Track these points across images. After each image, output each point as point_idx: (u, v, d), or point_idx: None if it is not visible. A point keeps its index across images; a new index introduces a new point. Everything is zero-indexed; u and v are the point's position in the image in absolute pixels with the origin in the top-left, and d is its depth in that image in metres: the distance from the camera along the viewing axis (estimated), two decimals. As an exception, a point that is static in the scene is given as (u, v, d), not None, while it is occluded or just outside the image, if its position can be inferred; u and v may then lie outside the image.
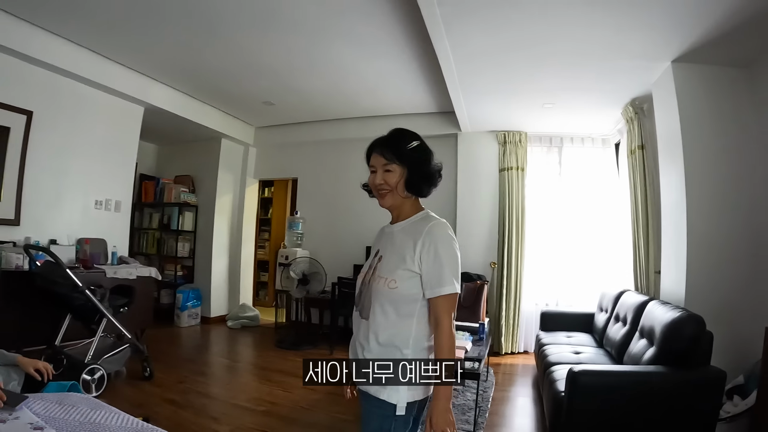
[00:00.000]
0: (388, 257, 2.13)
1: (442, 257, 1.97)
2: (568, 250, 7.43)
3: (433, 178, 2.19)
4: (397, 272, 2.04)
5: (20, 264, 5.20)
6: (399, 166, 2.11)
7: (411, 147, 2.13)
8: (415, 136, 2.18)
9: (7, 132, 5.52)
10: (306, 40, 5.37)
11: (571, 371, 3.67)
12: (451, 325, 1.96)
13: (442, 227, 2.06)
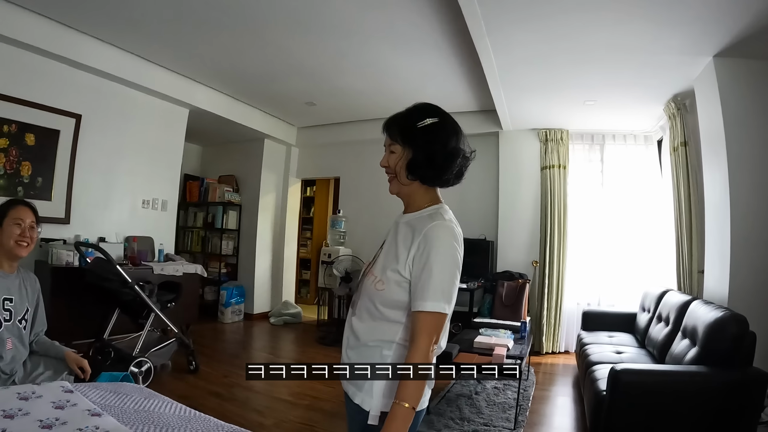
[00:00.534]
0: (384, 253, 1.91)
1: (433, 267, 1.69)
2: (611, 249, 7.31)
3: (443, 161, 1.84)
4: (386, 273, 1.80)
5: (70, 261, 5.42)
6: (401, 147, 1.85)
7: (422, 125, 1.82)
8: (433, 113, 1.86)
9: (57, 135, 5.75)
10: (347, 41, 5.43)
11: (613, 370, 3.65)
12: (429, 348, 1.67)
13: (443, 230, 1.76)
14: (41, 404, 2.13)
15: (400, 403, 1.60)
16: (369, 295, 1.85)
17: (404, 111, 1.90)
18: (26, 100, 5.42)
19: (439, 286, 1.67)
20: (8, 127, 5.29)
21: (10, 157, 5.35)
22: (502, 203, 7.82)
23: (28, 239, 2.90)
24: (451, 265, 1.72)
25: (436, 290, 1.67)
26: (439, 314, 1.67)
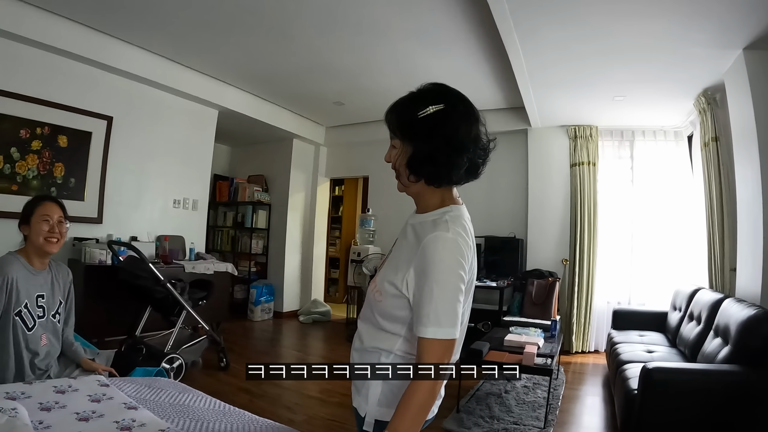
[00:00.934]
0: (389, 260, 1.70)
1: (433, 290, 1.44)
2: (641, 246, 7.22)
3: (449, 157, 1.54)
4: (384, 284, 1.60)
5: (103, 259, 5.53)
6: (401, 141, 1.61)
7: (423, 114, 1.53)
8: (439, 97, 1.57)
9: (89, 136, 5.88)
10: (375, 40, 5.46)
11: (645, 368, 3.60)
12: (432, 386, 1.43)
13: (442, 244, 1.47)
14: (78, 397, 2.19)
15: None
16: (369, 302, 1.68)
17: (406, 96, 1.64)
18: (58, 103, 5.55)
19: (439, 311, 1.43)
20: (41, 129, 5.41)
21: (44, 159, 5.46)
22: (532, 201, 7.77)
23: (58, 235, 2.90)
24: (451, 286, 1.45)
25: (437, 315, 1.43)
26: (440, 340, 1.44)
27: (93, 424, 1.92)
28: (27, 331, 2.78)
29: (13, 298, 2.73)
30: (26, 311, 2.79)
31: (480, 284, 7.01)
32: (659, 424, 3.50)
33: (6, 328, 2.70)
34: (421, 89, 1.62)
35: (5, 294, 2.69)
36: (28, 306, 2.81)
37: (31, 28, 5.06)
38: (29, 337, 2.78)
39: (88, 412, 2.02)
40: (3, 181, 5.15)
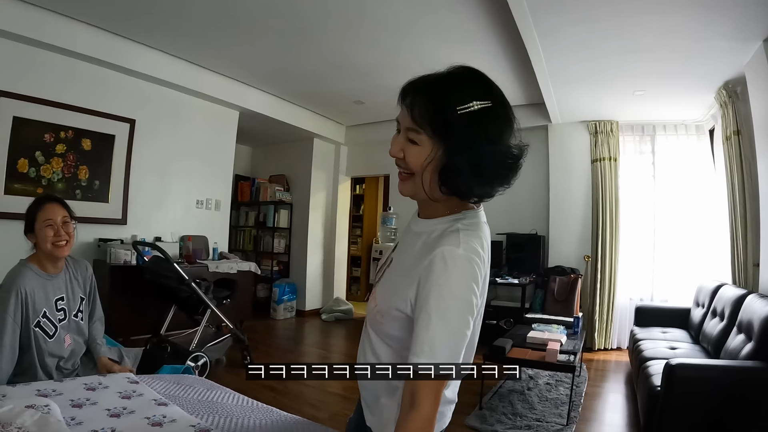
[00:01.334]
0: (390, 275, 1.44)
1: (431, 317, 1.18)
2: (664, 242, 7.15)
3: (498, 170, 1.26)
4: (385, 306, 1.35)
5: (128, 260, 5.60)
6: (431, 141, 1.23)
7: (466, 110, 1.18)
8: (483, 91, 1.23)
9: (113, 139, 5.97)
10: (395, 39, 5.47)
11: (668, 364, 3.57)
12: (435, 411, 1.19)
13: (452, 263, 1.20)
14: (108, 394, 2.24)
15: None
16: (370, 321, 1.46)
17: (435, 78, 1.27)
18: (82, 107, 5.64)
19: (436, 343, 1.18)
20: (65, 133, 5.51)
21: (68, 162, 5.55)
22: (553, 197, 7.75)
23: (65, 237, 2.82)
24: (456, 312, 1.20)
25: (432, 348, 1.17)
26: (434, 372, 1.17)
27: (124, 420, 1.96)
28: (48, 339, 2.75)
29: (29, 310, 2.68)
30: (45, 320, 2.76)
31: (502, 281, 7.06)
32: (682, 420, 3.49)
33: (29, 340, 2.67)
34: (456, 74, 1.26)
35: (21, 308, 2.64)
36: (47, 314, 2.77)
37: (54, 35, 5.16)
38: (52, 345, 2.76)
39: (119, 409, 2.06)
40: (28, 184, 5.24)
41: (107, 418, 1.97)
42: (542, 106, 7.06)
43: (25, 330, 2.65)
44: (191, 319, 5.40)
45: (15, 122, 5.12)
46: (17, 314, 2.61)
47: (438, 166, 1.23)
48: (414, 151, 1.25)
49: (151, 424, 1.92)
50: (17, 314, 2.61)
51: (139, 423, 1.93)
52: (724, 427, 3.40)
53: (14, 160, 5.15)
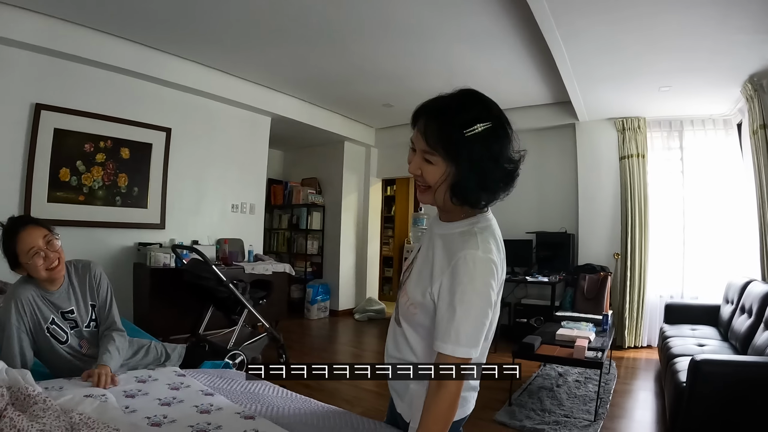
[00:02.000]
0: (419, 270, 1.64)
1: (456, 308, 1.43)
2: (693, 238, 7.06)
3: (500, 184, 1.51)
4: (417, 298, 1.57)
5: (167, 262, 5.81)
6: (443, 161, 1.46)
7: (471, 133, 1.41)
8: (486, 111, 1.47)
9: (150, 147, 6.20)
10: (421, 44, 5.57)
11: (693, 360, 3.58)
12: (459, 392, 1.47)
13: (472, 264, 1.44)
14: (158, 386, 2.39)
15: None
16: (403, 314, 1.66)
17: (445, 104, 1.51)
18: (120, 117, 5.90)
19: (461, 331, 1.42)
20: (104, 143, 5.74)
21: (108, 170, 5.78)
22: (582, 195, 7.73)
23: (56, 257, 2.61)
24: (478, 306, 1.44)
25: (458, 335, 1.42)
26: (458, 358, 1.43)
27: (175, 408, 2.09)
28: (62, 344, 2.67)
29: (37, 316, 2.60)
30: (55, 327, 2.65)
31: (532, 280, 7.09)
32: (708, 416, 3.50)
33: (48, 342, 2.63)
34: (460, 99, 1.51)
35: (26, 315, 2.55)
36: (56, 321, 2.66)
37: (93, 50, 5.41)
38: (68, 348, 2.69)
39: (169, 398, 2.20)
40: (70, 192, 5.49)
41: (159, 406, 2.11)
42: (569, 104, 7.08)
43: (40, 332, 2.60)
44: (228, 319, 5.52)
45: (56, 134, 5.36)
46: (21, 323, 2.53)
47: (450, 182, 1.47)
48: (430, 170, 1.49)
49: (200, 411, 2.06)
50: (21, 323, 2.53)
51: (189, 411, 2.06)
52: (749, 423, 3.40)
53: (56, 169, 5.37)
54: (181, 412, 2.06)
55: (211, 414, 2.05)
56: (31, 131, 5.19)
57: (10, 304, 2.54)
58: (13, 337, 2.50)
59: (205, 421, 1.96)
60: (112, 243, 5.92)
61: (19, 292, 2.58)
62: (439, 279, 1.50)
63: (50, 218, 5.03)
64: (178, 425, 1.93)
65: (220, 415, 2.04)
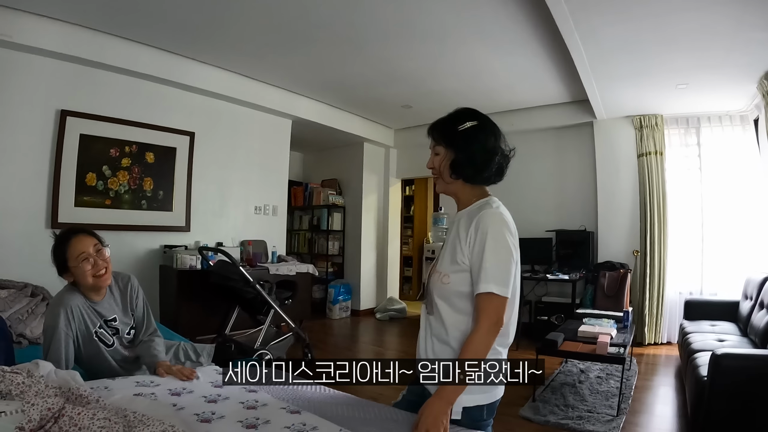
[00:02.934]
0: (445, 250, 2.02)
1: (485, 252, 1.79)
2: (712, 235, 7.07)
3: (483, 161, 1.94)
4: (449, 267, 1.92)
5: (193, 264, 5.90)
6: (444, 148, 1.99)
7: (463, 128, 1.96)
8: (472, 116, 1.99)
9: (174, 152, 6.31)
10: (442, 45, 5.63)
11: (713, 354, 3.61)
12: (489, 329, 1.77)
13: (491, 217, 1.85)
14: (202, 384, 2.46)
15: None
16: (438, 291, 1.96)
17: (446, 116, 2.05)
18: (144, 122, 6.01)
19: (490, 270, 1.78)
20: (129, 147, 5.86)
21: (133, 175, 5.90)
22: (601, 193, 7.73)
23: (104, 265, 2.70)
24: (501, 248, 1.82)
25: (488, 273, 1.78)
26: (492, 295, 1.77)
27: (221, 404, 2.16)
28: (108, 347, 2.79)
29: (86, 322, 2.69)
30: (102, 331, 2.76)
31: (553, 278, 7.12)
32: (729, 410, 3.52)
33: (96, 346, 2.73)
34: (458, 110, 2.04)
35: (75, 322, 2.64)
36: (102, 326, 2.76)
37: (116, 57, 5.53)
38: (113, 352, 2.81)
39: (214, 395, 2.26)
40: (97, 196, 5.60)
41: (205, 403, 2.17)
42: (586, 102, 7.11)
43: (88, 337, 2.70)
44: (253, 320, 5.60)
45: (82, 139, 5.46)
46: (69, 328, 2.61)
47: (449, 162, 1.97)
48: (437, 159, 2.02)
49: (246, 407, 2.11)
50: (69, 328, 2.61)
51: (236, 407, 2.12)
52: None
53: (83, 174, 5.48)
54: (228, 408, 2.12)
55: (257, 409, 2.11)
56: (57, 137, 5.30)
57: (59, 309, 2.60)
58: (62, 342, 2.57)
59: (253, 417, 2.02)
60: (138, 246, 6.03)
61: (68, 299, 2.65)
62: (466, 241, 1.88)
63: (78, 222, 5.15)
64: (227, 421, 1.99)
65: (266, 410, 2.10)
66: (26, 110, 5.07)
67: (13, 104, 4.97)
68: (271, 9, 4.88)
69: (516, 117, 7.88)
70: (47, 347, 2.58)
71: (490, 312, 1.77)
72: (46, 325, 2.64)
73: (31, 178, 5.15)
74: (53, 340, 2.57)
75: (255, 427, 1.94)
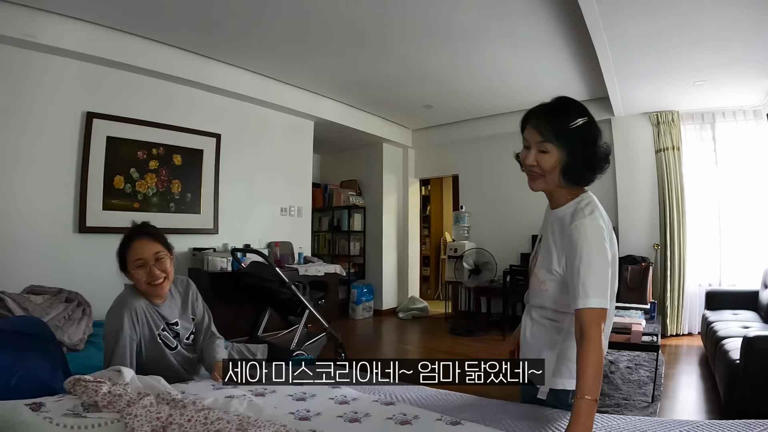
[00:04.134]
0: (542, 253, 1.97)
1: (580, 269, 1.70)
2: (730, 227, 7.19)
3: (599, 164, 1.85)
4: (546, 274, 1.89)
5: (224, 266, 5.94)
6: (556, 148, 1.81)
7: (575, 125, 1.80)
8: (582, 110, 1.85)
9: (201, 154, 6.34)
10: (467, 45, 5.70)
11: (746, 338, 3.74)
12: (596, 342, 1.64)
13: (584, 229, 1.75)
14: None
15: (582, 398, 1.56)
16: (537, 294, 1.96)
17: (550, 107, 1.88)
18: (171, 124, 6.03)
19: (588, 285, 1.67)
20: (157, 150, 5.89)
21: (161, 177, 5.92)
22: (620, 189, 7.81)
23: (161, 275, 2.64)
24: (597, 260, 1.71)
25: (586, 289, 1.67)
26: (592, 309, 1.66)
27: (311, 402, 2.14)
28: (171, 350, 2.74)
29: (150, 324, 2.65)
30: (165, 333, 2.72)
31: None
32: (762, 390, 3.60)
33: (159, 349, 2.68)
34: (563, 102, 1.90)
35: (138, 325, 2.59)
36: (165, 329, 2.72)
37: (142, 58, 5.55)
38: (176, 355, 2.76)
39: (300, 393, 2.23)
40: (125, 199, 5.61)
41: (294, 401, 2.15)
42: (605, 100, 7.19)
43: (151, 340, 2.65)
44: (283, 321, 5.65)
45: (109, 142, 5.46)
46: (134, 331, 2.56)
47: (562, 165, 1.83)
48: (545, 158, 1.84)
49: (338, 402, 2.11)
50: (134, 331, 2.56)
51: (327, 402, 2.11)
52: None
53: (110, 177, 5.49)
54: (320, 405, 2.10)
55: (350, 404, 2.09)
56: (84, 140, 5.30)
57: (122, 312, 2.55)
58: (127, 346, 2.52)
59: (351, 411, 2.02)
60: (167, 249, 5.99)
61: (131, 301, 2.60)
62: (560, 253, 1.84)
63: (106, 226, 5.23)
64: (326, 417, 1.98)
65: (359, 404, 2.10)
66: (51, 112, 5.10)
67: (39, 106, 5.00)
68: (302, 10, 4.93)
69: (537, 115, 7.86)
70: (110, 352, 2.51)
71: (592, 327, 1.65)
72: (108, 329, 2.57)
73: (58, 182, 5.15)
74: (118, 345, 2.51)
75: (358, 420, 1.93)
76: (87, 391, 1.83)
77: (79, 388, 1.86)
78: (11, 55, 4.76)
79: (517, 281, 7.38)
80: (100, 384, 1.86)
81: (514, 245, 8.41)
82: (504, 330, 7.53)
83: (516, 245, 8.39)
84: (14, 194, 4.82)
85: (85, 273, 4.94)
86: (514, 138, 1.83)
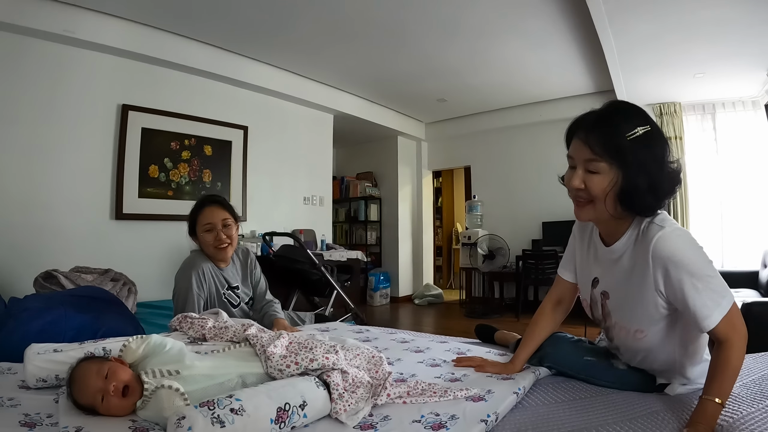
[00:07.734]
0: (621, 298, 1.67)
1: (693, 289, 1.44)
2: (730, 212, 7.42)
3: (667, 187, 1.52)
4: (642, 321, 1.60)
5: (253, 251, 6.11)
6: (610, 167, 1.47)
7: (634, 136, 1.45)
8: (643, 117, 1.52)
9: (230, 145, 6.63)
10: (484, 40, 5.99)
11: (744, 303, 3.95)
12: (743, 344, 1.48)
13: (673, 239, 1.47)
14: (342, 332, 2.74)
15: (712, 400, 1.40)
16: (631, 344, 1.71)
17: (601, 114, 1.56)
18: (201, 117, 6.31)
19: (708, 300, 1.45)
20: (188, 141, 6.17)
21: (193, 167, 6.21)
22: (625, 180, 7.93)
23: (227, 240, 2.86)
24: (703, 269, 1.47)
25: (708, 306, 1.45)
26: (728, 313, 1.46)
27: (374, 341, 2.43)
28: (234, 307, 2.98)
29: (216, 283, 2.90)
30: (229, 292, 2.97)
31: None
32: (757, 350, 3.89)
33: (224, 306, 2.88)
34: (617, 107, 1.59)
35: (205, 283, 2.83)
36: (228, 289, 2.97)
37: (175, 53, 5.84)
38: (239, 312, 3.01)
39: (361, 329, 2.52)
40: (159, 188, 5.89)
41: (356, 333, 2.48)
42: (610, 93, 7.34)
43: (217, 298, 2.90)
44: (310, 303, 5.88)
45: (144, 133, 5.74)
46: (201, 289, 2.80)
47: (618, 189, 1.49)
48: (596, 180, 1.50)
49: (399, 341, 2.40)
50: (201, 289, 2.80)
51: (390, 341, 2.40)
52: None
53: (145, 166, 5.77)
54: (385, 343, 2.38)
55: (409, 343, 2.36)
56: (120, 131, 5.55)
57: (190, 272, 2.81)
58: (194, 302, 2.77)
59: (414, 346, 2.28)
60: (199, 235, 6.25)
61: (198, 263, 2.86)
62: (654, 279, 1.52)
63: (142, 213, 5.53)
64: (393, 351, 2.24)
65: (419, 342, 2.36)
66: (89, 105, 5.33)
67: (77, 99, 5.23)
68: (325, 8, 5.23)
69: (544, 108, 8.31)
70: (180, 309, 2.73)
71: (730, 333, 1.47)
72: (177, 287, 2.83)
73: (96, 171, 5.39)
74: (187, 302, 2.76)
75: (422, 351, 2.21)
76: (194, 326, 2.06)
77: (186, 324, 2.11)
78: (52, 50, 5.01)
79: (530, 265, 7.62)
80: (206, 320, 2.09)
81: (526, 232, 8.68)
82: (518, 312, 7.76)
83: (527, 232, 8.66)
84: (55, 183, 5.06)
85: (123, 258, 5.21)
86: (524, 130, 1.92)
